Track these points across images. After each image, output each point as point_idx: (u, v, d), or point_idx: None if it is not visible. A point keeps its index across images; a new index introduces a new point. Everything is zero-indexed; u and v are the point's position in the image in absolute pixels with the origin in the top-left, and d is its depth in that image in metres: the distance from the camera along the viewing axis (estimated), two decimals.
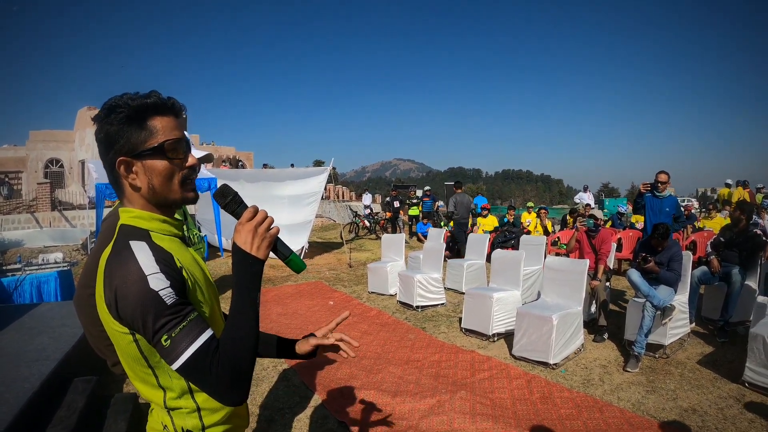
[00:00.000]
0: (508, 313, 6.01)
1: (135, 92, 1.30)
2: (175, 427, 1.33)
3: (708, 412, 4.04)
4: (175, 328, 1.15)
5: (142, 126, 1.26)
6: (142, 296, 1.14)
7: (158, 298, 1.15)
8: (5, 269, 7.80)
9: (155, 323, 1.14)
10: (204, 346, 1.17)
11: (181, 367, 1.16)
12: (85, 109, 31.52)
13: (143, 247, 1.22)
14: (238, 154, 38.57)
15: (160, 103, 1.30)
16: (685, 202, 25.82)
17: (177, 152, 1.31)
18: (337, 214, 25.79)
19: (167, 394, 1.30)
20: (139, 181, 1.30)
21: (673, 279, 5.35)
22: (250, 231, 1.26)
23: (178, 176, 1.33)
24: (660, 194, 6.70)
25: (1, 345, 4.46)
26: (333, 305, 8.11)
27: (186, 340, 1.16)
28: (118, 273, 1.18)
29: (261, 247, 1.27)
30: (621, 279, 8.53)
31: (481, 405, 4.24)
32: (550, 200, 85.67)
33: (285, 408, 4.37)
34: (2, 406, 3.11)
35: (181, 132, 1.34)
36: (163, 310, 1.15)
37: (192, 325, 1.18)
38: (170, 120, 1.32)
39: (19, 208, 23.02)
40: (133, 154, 1.27)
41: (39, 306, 6.09)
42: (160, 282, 1.16)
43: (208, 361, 1.17)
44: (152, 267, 1.18)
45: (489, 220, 13.02)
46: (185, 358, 1.15)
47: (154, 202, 1.34)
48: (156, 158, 1.28)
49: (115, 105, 1.25)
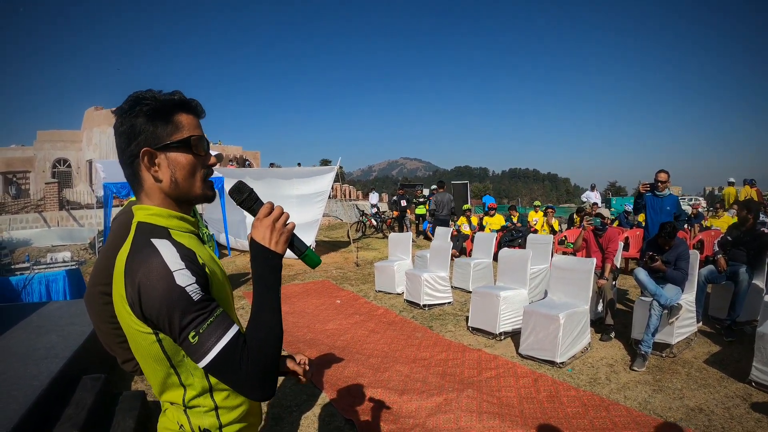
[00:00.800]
0: (515, 312, 6.02)
1: (158, 89, 1.32)
2: (191, 426, 1.33)
3: (714, 411, 4.04)
4: (203, 324, 1.15)
5: (167, 120, 1.28)
6: (169, 292, 1.14)
7: (185, 294, 1.15)
8: (14, 268, 7.87)
9: (182, 320, 1.14)
10: (232, 341, 1.17)
11: (210, 363, 1.16)
12: (93, 109, 31.66)
13: (166, 244, 1.22)
14: (245, 154, 38.64)
15: (185, 101, 1.33)
16: (692, 200, 25.71)
17: (201, 148, 1.34)
18: (344, 213, 25.82)
19: (187, 393, 1.30)
20: (162, 174, 1.30)
21: (680, 278, 5.34)
22: (268, 226, 1.28)
23: (200, 172, 1.35)
24: (660, 193, 6.69)
25: (10, 343, 4.49)
26: (340, 304, 8.15)
27: (214, 336, 1.16)
28: (141, 270, 1.17)
29: (279, 242, 1.29)
30: (628, 278, 8.52)
31: (488, 403, 4.26)
32: (557, 199, 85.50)
33: (293, 406, 4.41)
34: (12, 403, 3.13)
35: (203, 132, 1.37)
36: (190, 306, 1.15)
37: (219, 321, 1.18)
38: (194, 118, 1.35)
39: (27, 208, 23.16)
40: (157, 145, 1.27)
41: (48, 304, 6.11)
42: (187, 278, 1.17)
43: (237, 357, 1.16)
44: (177, 263, 1.18)
45: (496, 219, 13.03)
46: (214, 355, 1.15)
47: (174, 197, 1.34)
48: (181, 151, 1.30)
49: (141, 98, 1.26)
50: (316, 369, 5.17)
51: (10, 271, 7.71)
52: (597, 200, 17.51)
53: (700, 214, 12.82)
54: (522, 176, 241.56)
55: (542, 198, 64.13)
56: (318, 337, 6.35)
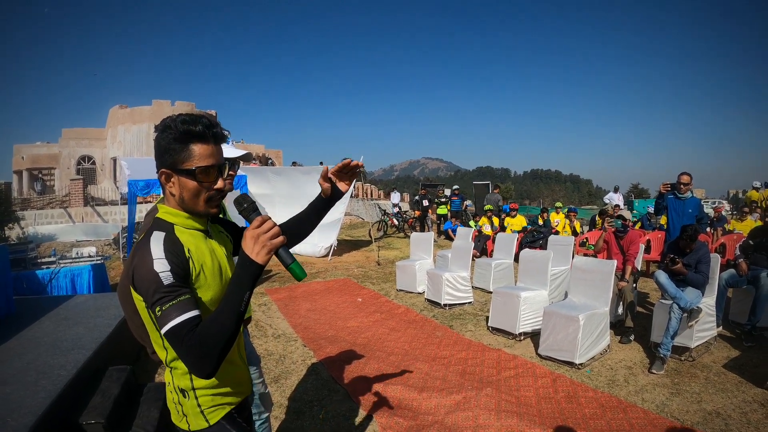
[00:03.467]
0: (535, 313, 6.06)
1: (188, 113, 1.58)
2: (174, 384, 1.65)
3: (732, 416, 4.05)
4: (166, 303, 1.43)
5: (184, 148, 1.54)
6: (147, 274, 1.46)
7: (158, 278, 1.44)
8: (40, 262, 8.04)
9: (153, 296, 1.44)
10: (183, 322, 1.41)
11: (165, 333, 1.43)
12: (117, 107, 32.09)
13: (159, 238, 1.53)
14: (267, 152, 38.88)
15: (202, 132, 1.56)
16: (715, 203, 25.39)
17: (208, 176, 1.58)
18: (366, 213, 25.88)
19: (168, 354, 1.60)
20: (174, 190, 1.60)
21: (701, 281, 5.33)
22: (253, 238, 1.44)
23: (204, 195, 1.61)
24: (682, 196, 6.66)
25: (37, 334, 4.62)
26: (361, 302, 8.24)
27: (172, 315, 1.42)
28: (137, 255, 1.52)
29: (260, 254, 1.44)
30: (648, 281, 8.48)
31: (507, 402, 4.32)
32: (578, 200, 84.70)
33: (314, 401, 4.50)
34: (40, 392, 3.26)
35: (216, 159, 1.60)
36: (160, 288, 1.44)
37: (180, 305, 1.44)
38: (208, 147, 1.58)
39: (52, 204, 23.55)
40: (173, 168, 1.56)
41: (74, 297, 6.27)
42: (162, 266, 1.46)
43: (183, 334, 1.40)
44: (159, 253, 1.48)
45: (517, 220, 13.03)
46: (167, 328, 1.41)
47: (182, 208, 1.63)
48: (188, 177, 1.56)
49: (168, 125, 1.55)
50: (338, 365, 5.28)
51: (36, 265, 7.88)
52: (619, 202, 17.40)
53: (723, 218, 12.67)
54: (544, 177, 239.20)
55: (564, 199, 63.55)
56: (339, 334, 6.45)
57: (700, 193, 47.37)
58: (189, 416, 1.64)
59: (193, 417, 1.64)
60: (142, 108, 31.46)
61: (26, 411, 2.94)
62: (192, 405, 1.63)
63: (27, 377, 3.51)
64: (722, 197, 43.58)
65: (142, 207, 18.24)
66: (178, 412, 1.66)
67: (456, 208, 17.53)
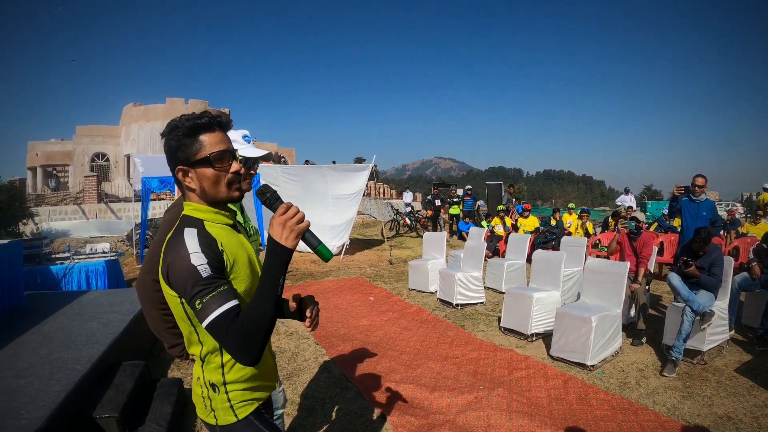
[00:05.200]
0: (548, 314, 6.07)
1: (191, 113, 1.65)
2: (204, 378, 1.69)
3: (743, 420, 4.05)
4: (207, 296, 1.47)
5: (194, 141, 1.61)
6: (185, 268, 1.49)
7: (196, 271, 1.48)
8: (54, 257, 8.12)
9: (192, 289, 1.48)
10: (226, 312, 1.46)
11: (208, 325, 1.46)
12: (131, 105, 32.26)
13: (192, 233, 1.57)
14: (280, 151, 38.99)
15: (208, 122, 1.63)
16: (729, 206, 25.22)
17: (222, 161, 1.63)
18: (378, 212, 25.89)
19: (203, 348, 1.65)
20: (193, 184, 1.65)
21: (714, 284, 5.31)
22: (280, 224, 1.50)
23: (224, 180, 1.66)
24: (696, 198, 6.65)
25: (51, 329, 4.66)
26: (374, 301, 8.28)
27: (214, 306, 1.46)
28: (172, 251, 1.55)
29: (289, 238, 1.50)
30: (661, 283, 8.45)
31: (518, 403, 4.34)
32: (591, 202, 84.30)
33: (326, 398, 4.54)
34: (55, 385, 3.30)
35: (227, 145, 1.66)
36: (198, 281, 1.48)
37: (221, 295, 1.48)
38: (217, 135, 1.64)
39: (66, 200, 23.74)
40: (188, 163, 1.62)
41: (88, 293, 6.33)
42: (200, 259, 1.50)
43: (227, 324, 1.45)
44: (195, 247, 1.53)
45: (530, 220, 13.02)
46: (211, 319, 1.45)
47: (205, 200, 1.68)
48: (205, 167, 1.62)
49: (175, 126, 1.61)
50: (350, 363, 5.32)
51: (51, 260, 7.95)
52: (632, 204, 17.33)
53: (737, 221, 12.59)
54: (556, 178, 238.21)
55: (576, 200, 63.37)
56: (351, 333, 6.49)
57: (713, 196, 47.00)
58: (217, 411, 1.68)
59: (222, 412, 1.67)
60: (156, 106, 31.60)
61: (41, 404, 2.98)
62: (222, 399, 1.67)
63: (41, 371, 3.55)
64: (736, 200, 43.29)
65: (155, 204, 18.39)
66: (206, 407, 1.70)
67: (468, 208, 17.54)
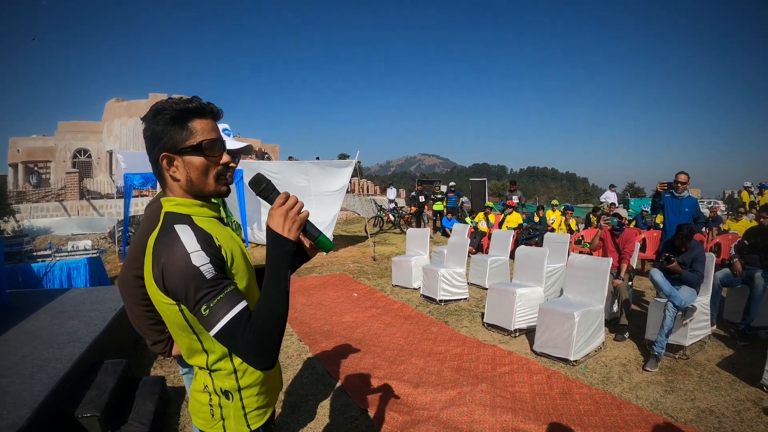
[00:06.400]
0: (531, 309, 6.08)
1: (179, 96, 1.50)
2: (214, 387, 1.53)
3: (725, 413, 4.07)
4: (213, 300, 1.31)
5: (183, 126, 1.45)
6: (186, 271, 1.32)
7: (199, 273, 1.32)
8: (35, 255, 8.01)
9: (196, 294, 1.31)
10: (237, 315, 1.32)
11: (218, 333, 1.32)
12: (114, 100, 31.99)
13: (186, 230, 1.39)
14: (263, 147, 38.85)
15: (200, 107, 1.49)
16: (711, 204, 25.51)
17: (213, 150, 1.49)
18: (362, 208, 25.89)
19: (209, 357, 1.49)
20: (179, 174, 1.49)
21: (696, 280, 5.36)
22: (281, 215, 1.40)
23: (213, 172, 1.52)
24: (679, 195, 6.70)
25: (33, 328, 4.59)
26: (357, 297, 8.25)
27: (222, 310, 1.31)
28: (164, 251, 1.36)
29: (291, 229, 1.41)
30: (644, 279, 8.51)
31: (502, 398, 4.33)
32: (574, 199, 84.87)
33: (309, 395, 4.51)
34: (35, 384, 3.24)
35: (218, 134, 1.53)
36: (203, 283, 1.31)
37: (228, 297, 1.34)
38: (208, 122, 1.51)
39: (47, 197, 23.47)
40: (174, 150, 1.46)
41: (69, 291, 6.25)
42: (201, 259, 1.33)
43: (240, 329, 1.31)
44: (194, 246, 1.35)
45: (513, 217, 13.05)
46: (221, 326, 1.31)
47: (191, 193, 1.52)
48: (194, 155, 1.47)
49: (162, 108, 1.45)
50: (333, 360, 5.28)
51: (32, 258, 7.84)
52: (614, 200, 17.48)
53: (719, 218, 12.76)
54: (540, 175, 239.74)
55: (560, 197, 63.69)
56: (335, 329, 6.46)
57: (696, 193, 47.54)
58: (228, 419, 1.53)
59: (234, 421, 1.54)
60: (139, 101, 31.33)
61: (22, 404, 2.93)
62: (236, 407, 1.53)
63: (23, 370, 3.49)
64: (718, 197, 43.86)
65: (137, 201, 18.21)
66: (214, 416, 1.55)
67: (452, 205, 17.61)
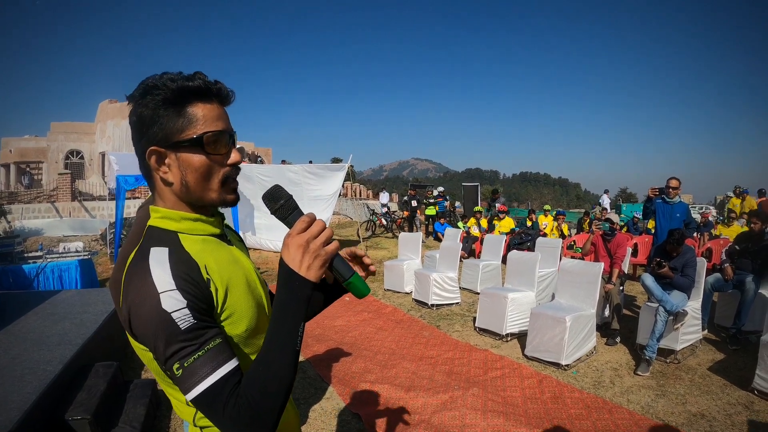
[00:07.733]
0: (522, 314, 6.08)
1: (177, 72, 1.10)
2: None
3: (716, 417, 4.08)
4: (189, 358, 0.97)
5: (180, 112, 1.08)
6: (153, 317, 0.98)
7: (170, 321, 0.97)
8: (27, 256, 7.97)
9: (166, 349, 0.97)
10: (221, 381, 0.98)
11: (194, 399, 0.98)
12: (107, 102, 31.85)
13: (162, 258, 1.05)
14: (256, 150, 38.78)
15: (204, 87, 1.10)
16: (702, 209, 25.65)
17: (218, 146, 1.12)
18: (354, 212, 25.86)
19: (197, 413, 1.14)
20: (172, 176, 1.11)
21: (687, 285, 5.38)
22: (300, 246, 1.03)
23: (217, 174, 1.14)
24: (671, 200, 6.73)
25: (23, 330, 4.56)
26: (349, 301, 8.20)
27: (200, 372, 0.97)
28: (132, 286, 1.03)
29: (312, 267, 1.04)
30: (635, 284, 8.54)
31: (493, 402, 4.33)
32: (567, 204, 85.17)
33: (300, 399, 4.49)
34: (26, 387, 3.22)
35: (226, 123, 1.15)
36: (175, 336, 0.97)
37: (209, 355, 0.99)
38: (214, 108, 1.13)
39: (39, 198, 23.32)
40: (167, 144, 1.09)
41: (60, 293, 6.19)
42: (174, 302, 0.99)
43: (223, 398, 0.97)
44: (167, 283, 1.01)
45: (505, 222, 13.08)
46: (198, 392, 0.97)
47: (186, 201, 1.15)
48: (193, 151, 1.09)
49: (153, 85, 1.07)
50: (324, 364, 5.26)
51: (23, 259, 7.79)
52: (606, 206, 17.56)
53: (710, 223, 12.83)
54: (533, 180, 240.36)
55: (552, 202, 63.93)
56: (326, 333, 6.44)
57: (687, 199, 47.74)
58: None
59: None
60: None
61: (12, 406, 2.90)
62: None
63: (13, 372, 3.47)
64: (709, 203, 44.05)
65: (130, 203, 18.13)
66: None
67: (441, 209, 17.62)
